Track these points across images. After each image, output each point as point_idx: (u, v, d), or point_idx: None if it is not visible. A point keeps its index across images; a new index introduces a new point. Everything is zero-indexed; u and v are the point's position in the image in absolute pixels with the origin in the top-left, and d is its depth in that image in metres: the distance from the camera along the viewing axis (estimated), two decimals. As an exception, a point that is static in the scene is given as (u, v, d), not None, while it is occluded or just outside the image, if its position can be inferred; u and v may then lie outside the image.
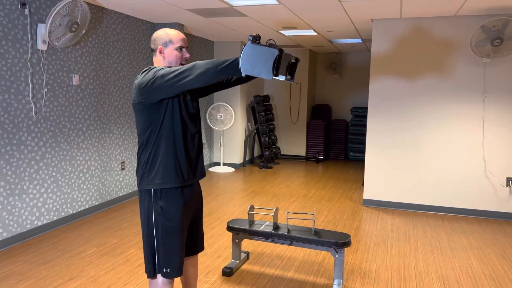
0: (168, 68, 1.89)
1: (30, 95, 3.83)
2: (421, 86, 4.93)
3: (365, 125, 8.43)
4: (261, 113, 7.72)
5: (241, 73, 1.75)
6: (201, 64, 1.80)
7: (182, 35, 2.09)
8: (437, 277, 3.24)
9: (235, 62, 1.74)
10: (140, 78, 1.95)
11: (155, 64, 2.10)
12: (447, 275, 3.27)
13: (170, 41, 2.05)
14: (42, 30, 3.82)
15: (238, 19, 5.29)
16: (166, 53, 2.06)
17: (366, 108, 8.33)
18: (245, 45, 1.75)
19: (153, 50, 2.10)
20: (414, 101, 4.97)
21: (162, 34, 2.07)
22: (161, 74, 1.87)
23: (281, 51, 1.77)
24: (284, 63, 1.83)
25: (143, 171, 2.04)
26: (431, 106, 4.91)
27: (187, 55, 2.09)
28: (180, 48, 2.07)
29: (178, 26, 5.60)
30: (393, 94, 5.03)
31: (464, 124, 4.82)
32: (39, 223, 4.01)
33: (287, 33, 6.29)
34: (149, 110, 1.97)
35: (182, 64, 2.09)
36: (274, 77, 1.81)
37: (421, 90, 4.94)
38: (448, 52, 4.81)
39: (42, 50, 3.92)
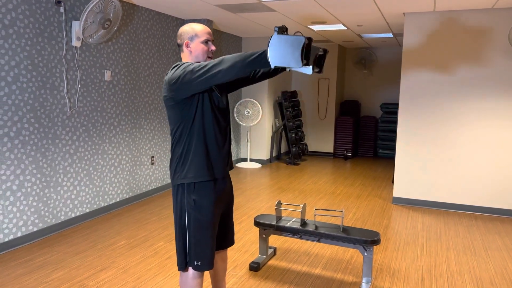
0: (197, 63, 1.91)
1: (65, 90, 3.94)
2: (455, 81, 4.78)
3: (395, 122, 8.26)
4: (288, 109, 7.68)
5: (269, 65, 1.72)
6: (229, 58, 1.81)
7: (207, 29, 2.11)
8: (470, 278, 3.15)
9: (263, 54, 1.73)
10: (170, 74, 1.98)
11: (183, 59, 2.13)
12: (480, 276, 3.17)
13: (196, 35, 2.08)
14: (76, 27, 3.92)
15: (267, 14, 5.28)
16: (193, 47, 2.08)
17: (397, 104, 8.15)
18: (271, 37, 1.72)
19: (179, 45, 2.13)
20: (447, 97, 4.83)
21: (187, 28, 2.10)
22: (191, 69, 1.89)
23: (309, 39, 1.73)
24: (312, 53, 1.78)
25: (176, 166, 2.08)
26: (466, 102, 4.76)
27: (213, 48, 2.11)
28: (206, 41, 2.09)
29: (207, 22, 5.63)
30: (426, 89, 4.90)
31: (501, 121, 4.64)
32: (73, 215, 4.13)
33: (316, 28, 6.23)
34: (180, 105, 2.00)
35: (209, 57, 2.12)
36: (303, 70, 1.74)
37: (455, 85, 4.79)
38: (484, 46, 4.64)
39: (76, 47, 4.03)
